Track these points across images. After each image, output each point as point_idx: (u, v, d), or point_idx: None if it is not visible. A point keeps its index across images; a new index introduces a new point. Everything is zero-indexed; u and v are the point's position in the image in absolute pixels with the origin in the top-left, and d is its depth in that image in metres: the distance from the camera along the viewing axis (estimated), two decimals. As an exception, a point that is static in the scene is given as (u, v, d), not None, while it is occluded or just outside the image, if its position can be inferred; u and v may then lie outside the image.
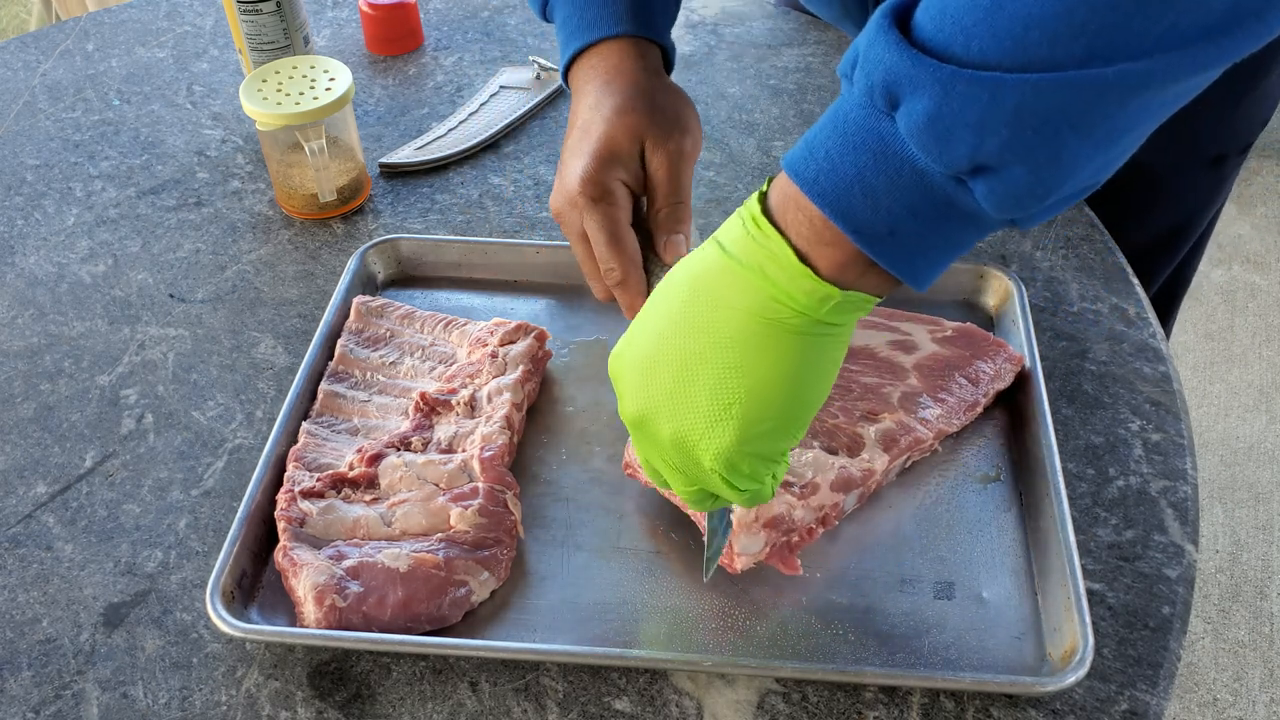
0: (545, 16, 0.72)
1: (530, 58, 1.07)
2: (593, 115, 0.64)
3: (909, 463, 0.68)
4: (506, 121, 0.98)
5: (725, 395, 0.49)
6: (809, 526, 0.62)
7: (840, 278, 0.47)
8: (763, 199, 0.49)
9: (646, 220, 0.66)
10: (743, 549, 0.60)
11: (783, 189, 0.48)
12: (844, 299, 0.47)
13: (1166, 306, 1.07)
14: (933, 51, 0.41)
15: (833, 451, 0.65)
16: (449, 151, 0.95)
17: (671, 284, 0.52)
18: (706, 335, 0.49)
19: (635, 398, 0.53)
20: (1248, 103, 0.89)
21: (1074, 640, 0.57)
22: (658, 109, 0.64)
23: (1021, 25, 0.39)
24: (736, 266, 0.48)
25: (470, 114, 1.00)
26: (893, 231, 0.45)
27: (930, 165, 0.43)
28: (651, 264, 0.64)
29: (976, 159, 0.42)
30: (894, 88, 0.42)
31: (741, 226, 0.49)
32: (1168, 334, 1.09)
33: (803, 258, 0.47)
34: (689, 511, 0.64)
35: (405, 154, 0.95)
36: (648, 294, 0.62)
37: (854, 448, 0.65)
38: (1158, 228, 0.91)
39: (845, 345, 0.51)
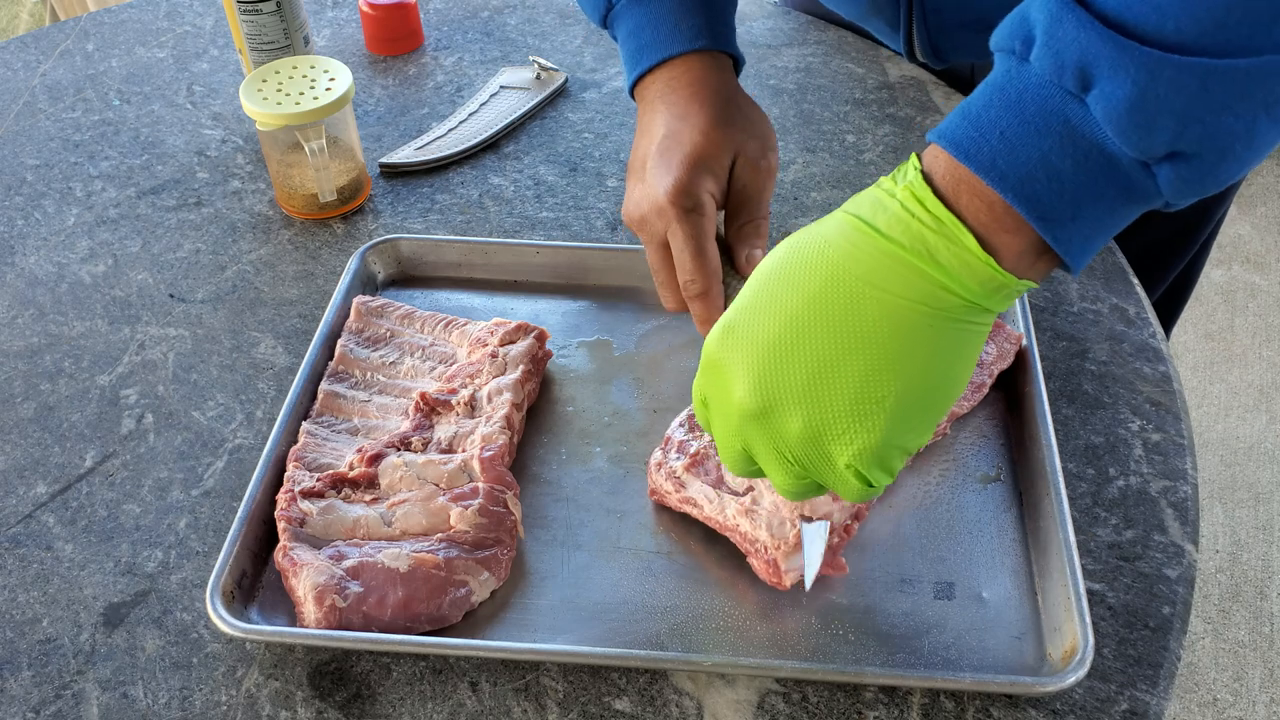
0: (605, 25, 0.72)
1: (530, 57, 1.07)
2: (682, 126, 0.64)
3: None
4: (506, 121, 0.98)
5: (876, 390, 0.46)
6: (845, 524, 0.62)
7: (1017, 266, 0.45)
8: (924, 179, 0.45)
9: (725, 233, 0.66)
10: (790, 566, 0.60)
11: (951, 171, 0.44)
12: (1015, 288, 0.45)
13: (1171, 308, 1.07)
14: (1126, 31, 0.39)
15: None
16: (449, 151, 0.95)
17: (803, 262, 0.47)
18: (855, 324, 0.46)
19: (760, 387, 0.48)
20: None
21: (1074, 640, 0.57)
22: (747, 123, 0.65)
23: (1223, 7, 0.38)
24: (898, 251, 0.45)
25: (470, 114, 1.00)
26: (1075, 217, 0.44)
27: (1123, 150, 0.42)
28: (728, 276, 0.65)
29: (1175, 145, 0.41)
30: (1089, 70, 0.40)
31: (901, 208, 0.45)
32: (1168, 335, 1.09)
33: (983, 245, 0.44)
34: (718, 523, 0.63)
35: (405, 154, 0.95)
36: (724, 308, 0.61)
37: None
38: (1165, 229, 0.91)
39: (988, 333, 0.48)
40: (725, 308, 0.60)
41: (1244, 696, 1.52)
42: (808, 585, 0.60)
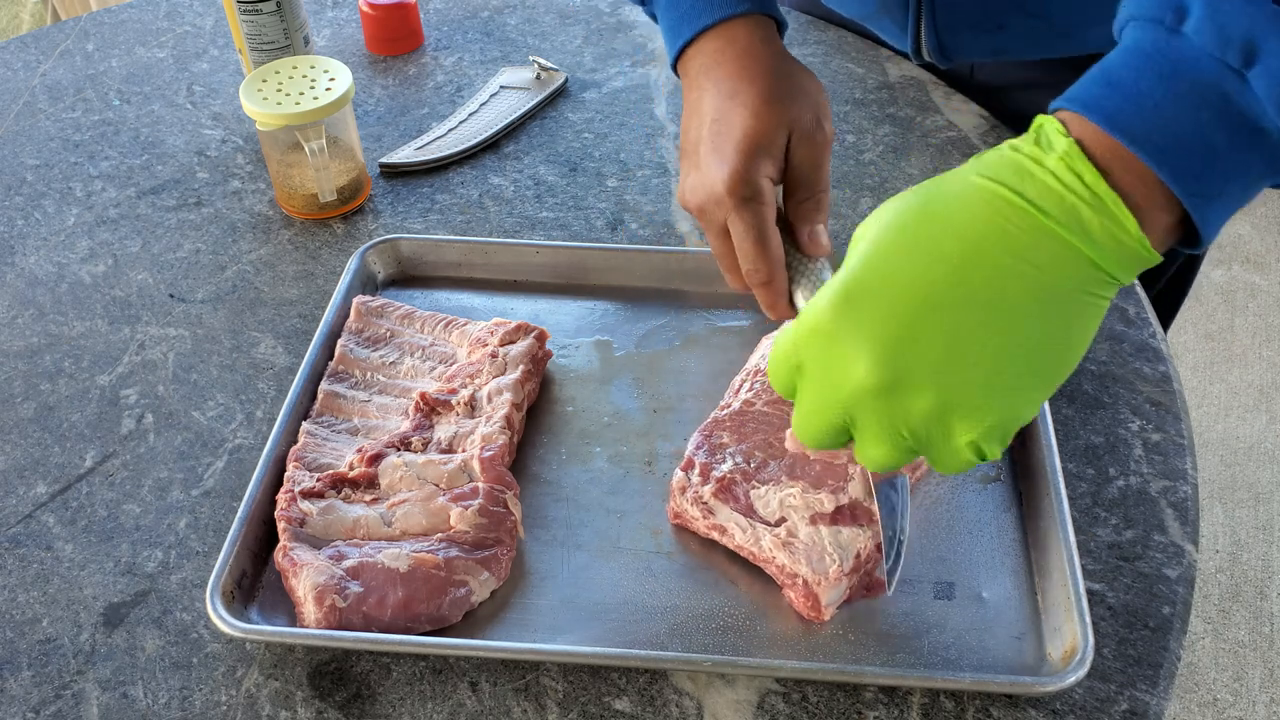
0: (643, 1, 0.69)
1: (530, 57, 1.07)
2: (732, 105, 0.60)
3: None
4: (506, 121, 0.98)
5: (1013, 367, 0.44)
6: (875, 545, 0.62)
7: (1161, 243, 0.43)
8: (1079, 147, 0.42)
9: (785, 210, 0.63)
10: (830, 601, 0.60)
11: (1102, 142, 0.42)
12: (1150, 262, 0.43)
13: (1168, 308, 1.07)
14: None
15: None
16: (449, 151, 0.95)
17: (938, 230, 0.44)
18: (999, 299, 0.43)
19: (889, 362, 0.45)
20: None
21: (1074, 640, 0.57)
22: (799, 94, 0.61)
23: None
24: (1050, 225, 0.42)
25: (470, 114, 1.00)
26: (1221, 194, 0.42)
27: (1278, 126, 0.40)
28: (791, 257, 0.62)
29: None
30: (1257, 44, 0.39)
31: (1055, 179, 0.42)
32: (1166, 333, 1.09)
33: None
34: (751, 553, 0.62)
35: (405, 154, 0.95)
36: (790, 288, 0.59)
37: None
38: None
39: None
40: (791, 287, 0.59)
41: (1244, 696, 1.52)
42: (890, 589, 0.58)
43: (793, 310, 0.62)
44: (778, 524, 0.62)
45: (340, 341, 0.74)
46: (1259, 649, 1.57)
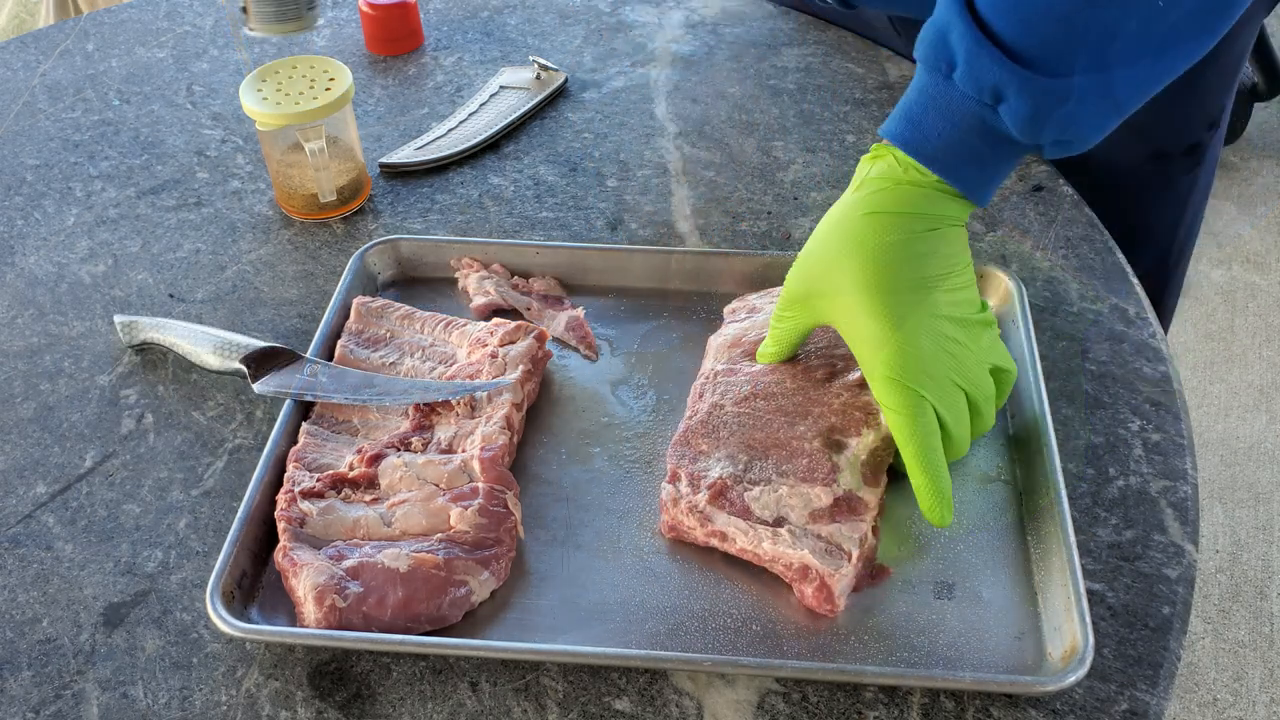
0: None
1: (530, 58, 1.07)
2: None
3: None
4: (506, 121, 0.98)
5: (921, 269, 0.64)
6: (873, 530, 0.63)
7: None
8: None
9: None
10: (842, 591, 0.60)
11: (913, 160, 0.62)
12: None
13: (1161, 286, 1.07)
14: (1022, 61, 0.56)
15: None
16: (449, 151, 0.95)
17: (853, 243, 0.64)
18: (911, 241, 0.63)
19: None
20: (1182, 100, 0.90)
21: (1074, 640, 0.57)
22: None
23: (1064, 40, 0.56)
24: (917, 209, 0.63)
25: (470, 114, 1.00)
26: (989, 182, 0.63)
27: (1024, 141, 0.60)
28: None
29: (1058, 138, 0.59)
30: (1001, 92, 0.57)
31: (908, 185, 0.63)
32: (1165, 328, 1.08)
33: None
34: (754, 555, 0.62)
35: (405, 154, 0.95)
36: None
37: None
38: (1118, 234, 0.92)
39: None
40: None
41: (1244, 696, 1.52)
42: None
43: None
44: (777, 523, 0.62)
45: (340, 342, 0.74)
46: (1259, 649, 1.57)
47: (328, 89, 0.84)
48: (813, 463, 0.64)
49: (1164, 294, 1.07)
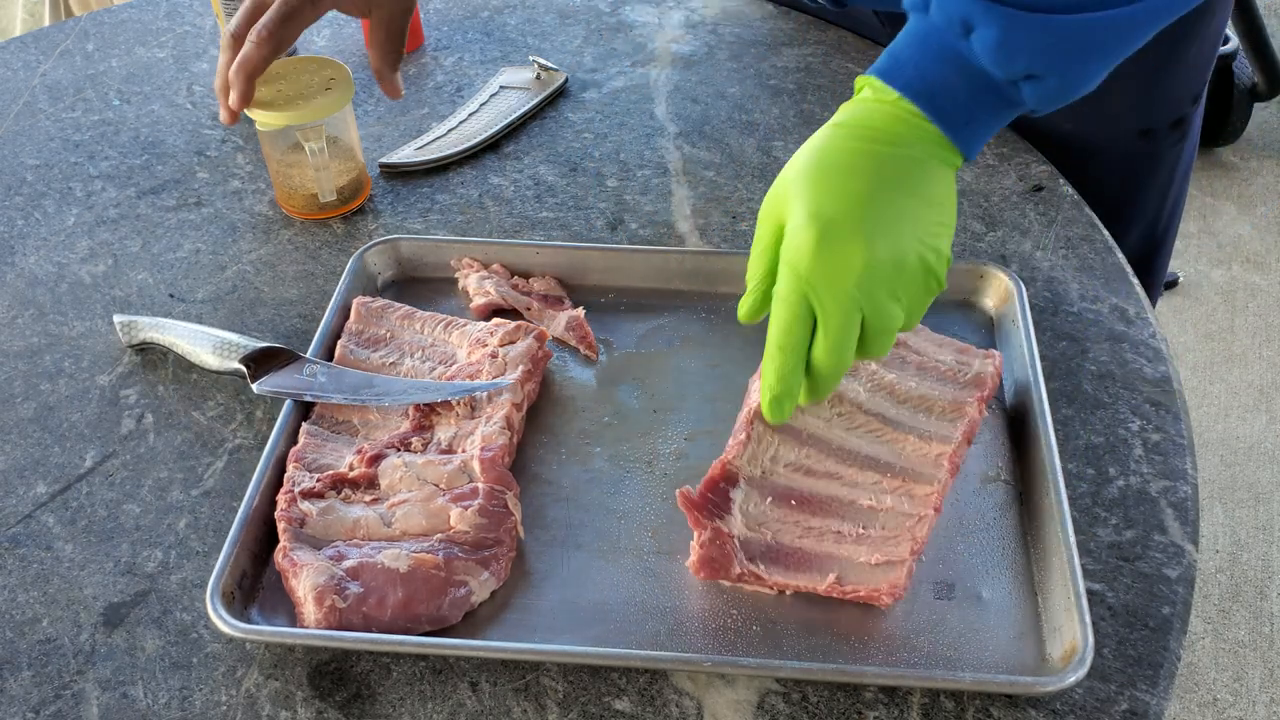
0: None
1: (530, 57, 1.07)
2: None
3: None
4: (506, 121, 0.98)
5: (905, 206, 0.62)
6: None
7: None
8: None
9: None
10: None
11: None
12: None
13: (1148, 264, 1.08)
14: None
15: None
16: (449, 151, 0.95)
17: (845, 164, 0.62)
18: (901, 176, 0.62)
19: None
20: (1168, 76, 0.92)
21: (1074, 640, 0.57)
22: None
23: None
24: (900, 137, 0.62)
25: (470, 114, 1.00)
26: (969, 121, 0.61)
27: (996, 73, 0.59)
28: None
29: (1030, 71, 0.59)
30: (969, 21, 0.58)
31: (890, 117, 0.61)
32: (1153, 301, 1.09)
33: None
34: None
35: (405, 154, 0.95)
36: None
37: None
38: (1097, 204, 0.92)
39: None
40: None
41: (1244, 696, 1.52)
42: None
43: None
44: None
45: (340, 342, 0.74)
46: (1259, 649, 1.57)
47: (328, 89, 0.84)
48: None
49: (1154, 261, 1.08)
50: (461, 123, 0.99)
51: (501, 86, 1.03)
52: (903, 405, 0.68)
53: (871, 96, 0.62)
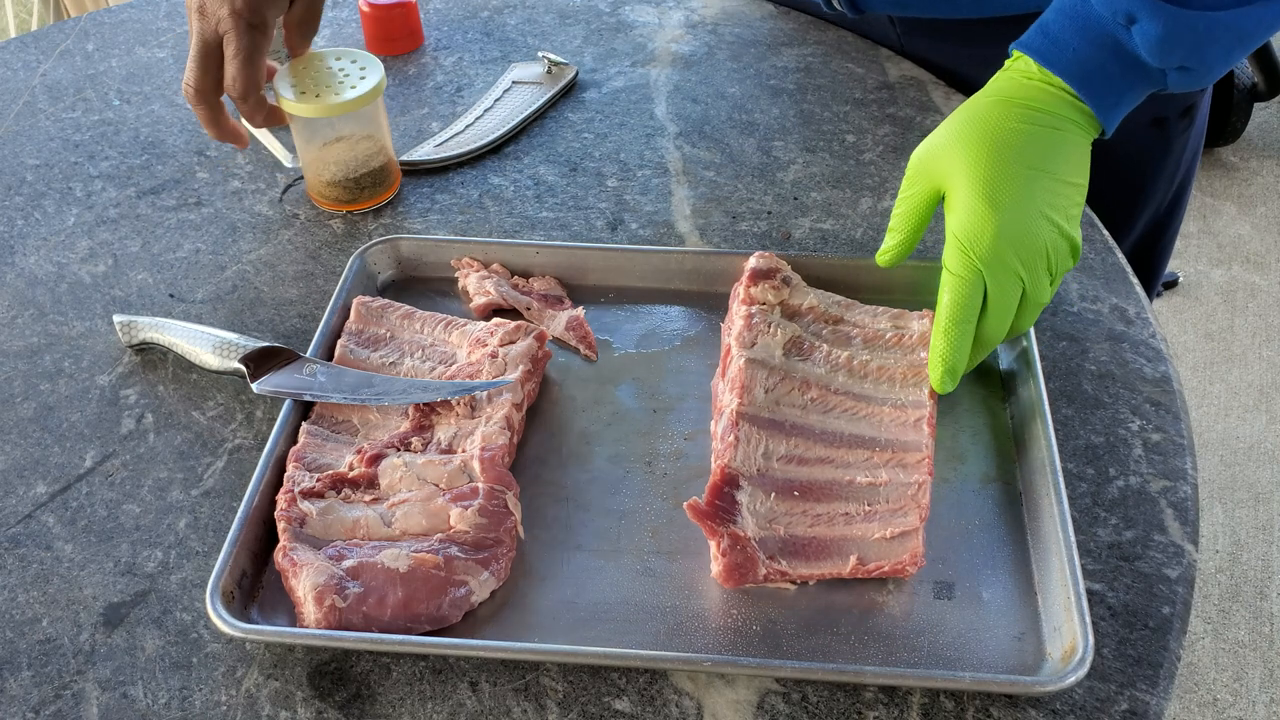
0: None
1: (539, 53, 1.07)
2: None
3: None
4: (523, 116, 0.99)
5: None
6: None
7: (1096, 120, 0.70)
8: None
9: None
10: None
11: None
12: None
13: (1149, 263, 1.09)
14: None
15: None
16: (469, 148, 0.95)
17: (992, 121, 0.68)
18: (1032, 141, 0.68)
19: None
20: None
21: (1074, 640, 0.57)
22: None
23: None
24: (1049, 106, 0.69)
25: (485, 110, 1.00)
26: (1117, 104, 0.68)
27: (1152, 63, 0.66)
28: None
29: (1184, 63, 0.66)
30: (1134, 14, 0.64)
31: (1038, 90, 0.68)
32: (1150, 298, 1.09)
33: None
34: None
35: (425, 151, 0.95)
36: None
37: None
38: (1109, 191, 0.92)
39: None
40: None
41: (1244, 696, 1.52)
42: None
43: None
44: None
45: (340, 342, 0.74)
46: (1259, 649, 1.57)
47: (362, 78, 0.84)
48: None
49: (1158, 252, 1.09)
50: (478, 119, 0.99)
51: (514, 82, 1.03)
52: (865, 380, 0.70)
53: (1026, 71, 0.69)
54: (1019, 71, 0.69)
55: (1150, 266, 1.09)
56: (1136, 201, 1.02)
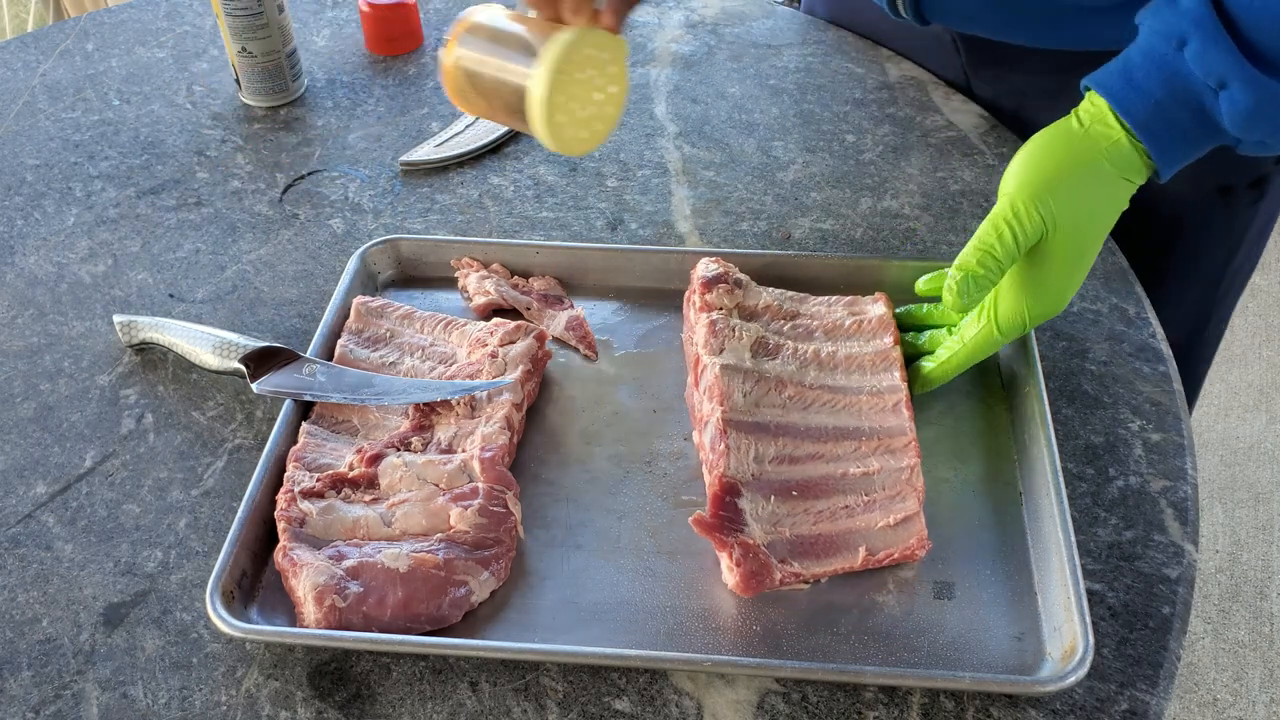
0: None
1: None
2: None
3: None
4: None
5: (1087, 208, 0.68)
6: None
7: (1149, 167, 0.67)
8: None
9: None
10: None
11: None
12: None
13: (1190, 363, 1.01)
14: (1255, 56, 0.60)
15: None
16: (470, 147, 0.95)
17: (1060, 156, 0.67)
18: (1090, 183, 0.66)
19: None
20: None
21: (1074, 640, 0.57)
22: None
23: None
24: (1111, 157, 0.66)
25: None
26: (1184, 159, 0.65)
27: (1232, 132, 0.62)
28: None
29: (1266, 138, 0.63)
30: (1227, 81, 0.60)
31: (1105, 140, 0.65)
32: (1191, 404, 1.00)
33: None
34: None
35: (425, 152, 0.95)
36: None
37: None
38: (1158, 259, 0.90)
39: None
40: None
41: (1244, 696, 1.52)
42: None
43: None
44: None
45: (340, 342, 0.74)
46: (1259, 649, 1.57)
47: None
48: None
49: (1199, 343, 1.02)
50: (478, 119, 0.99)
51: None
52: (837, 371, 0.70)
53: (1098, 122, 0.65)
54: (1095, 124, 0.65)
55: (1184, 370, 0.93)
56: (1180, 278, 0.95)
